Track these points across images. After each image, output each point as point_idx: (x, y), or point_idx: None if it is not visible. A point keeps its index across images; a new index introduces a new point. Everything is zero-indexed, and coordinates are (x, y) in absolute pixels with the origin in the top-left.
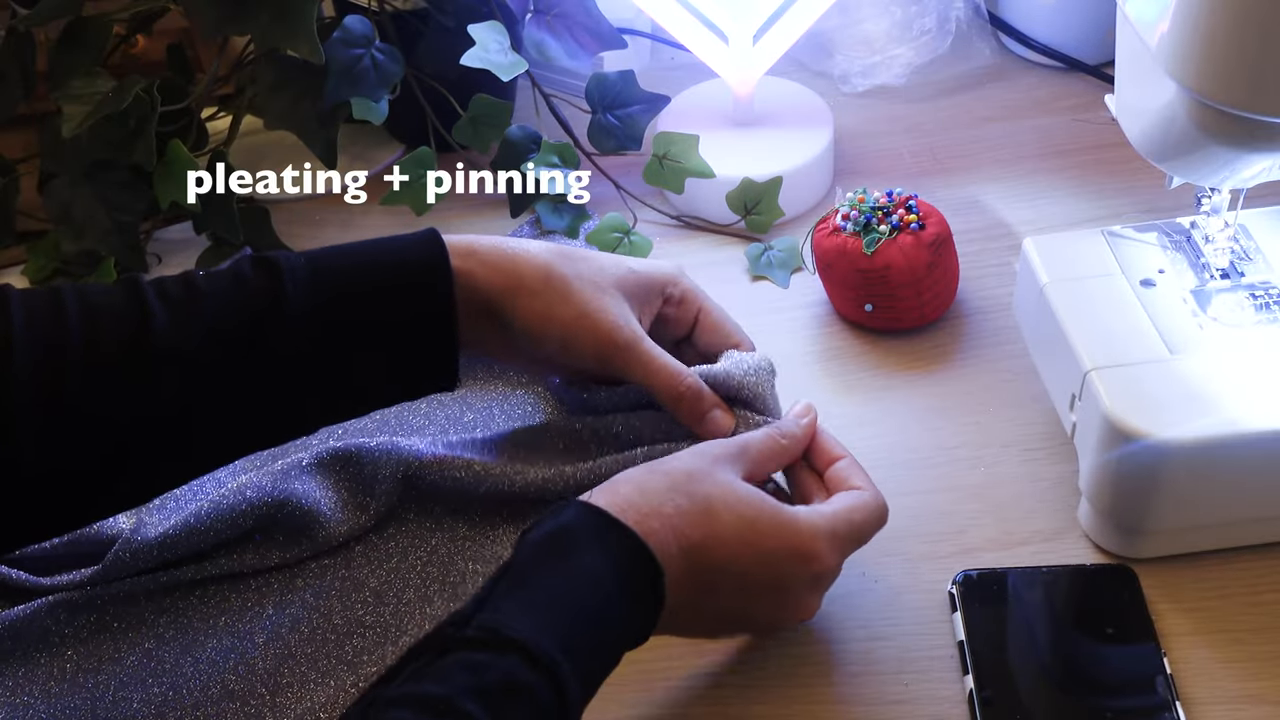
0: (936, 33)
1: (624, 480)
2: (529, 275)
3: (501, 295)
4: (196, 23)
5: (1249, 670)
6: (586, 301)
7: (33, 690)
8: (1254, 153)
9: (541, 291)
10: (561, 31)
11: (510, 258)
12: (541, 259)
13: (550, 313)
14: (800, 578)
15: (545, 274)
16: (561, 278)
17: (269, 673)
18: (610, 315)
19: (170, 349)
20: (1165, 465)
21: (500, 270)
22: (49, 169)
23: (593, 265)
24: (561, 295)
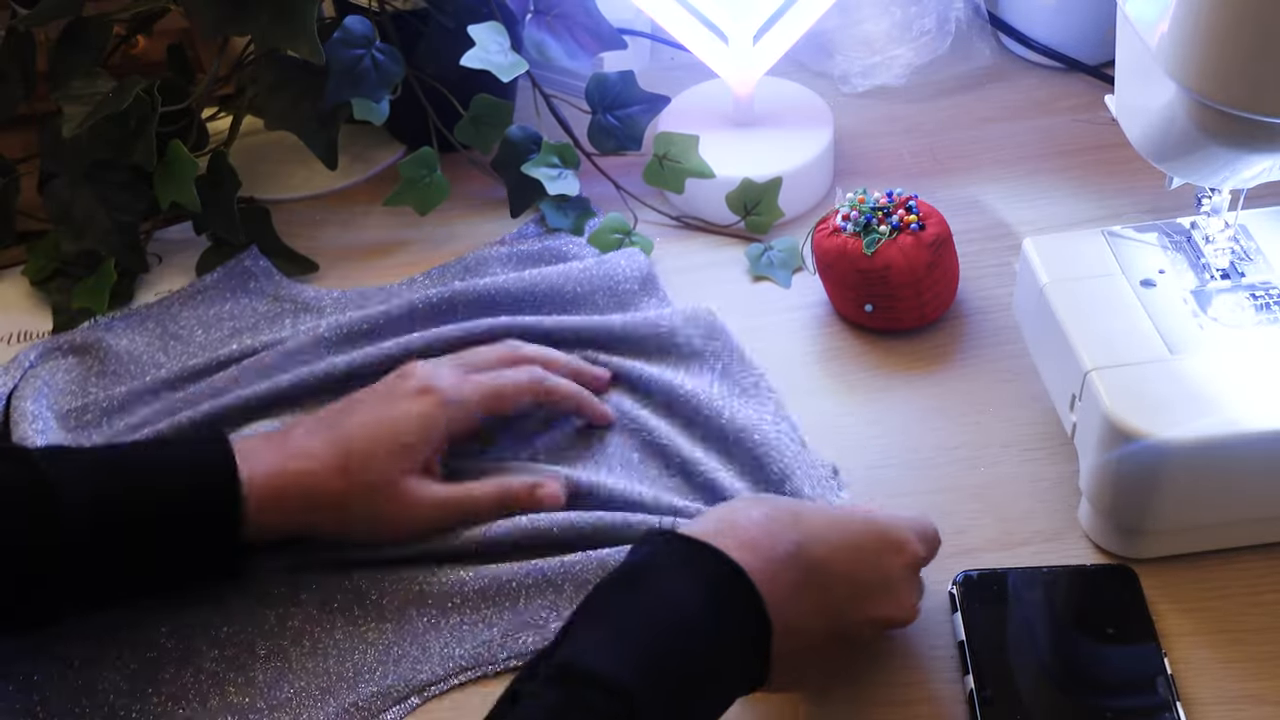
0: (936, 33)
1: (702, 514)
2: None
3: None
4: (197, 23)
5: (1249, 670)
6: (384, 506)
7: (31, 696)
8: (1254, 153)
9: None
10: (561, 32)
11: (299, 501)
12: (330, 509)
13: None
14: (897, 568)
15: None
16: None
17: (269, 685)
18: (407, 503)
19: None
20: (1165, 465)
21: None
22: (49, 169)
23: (371, 464)
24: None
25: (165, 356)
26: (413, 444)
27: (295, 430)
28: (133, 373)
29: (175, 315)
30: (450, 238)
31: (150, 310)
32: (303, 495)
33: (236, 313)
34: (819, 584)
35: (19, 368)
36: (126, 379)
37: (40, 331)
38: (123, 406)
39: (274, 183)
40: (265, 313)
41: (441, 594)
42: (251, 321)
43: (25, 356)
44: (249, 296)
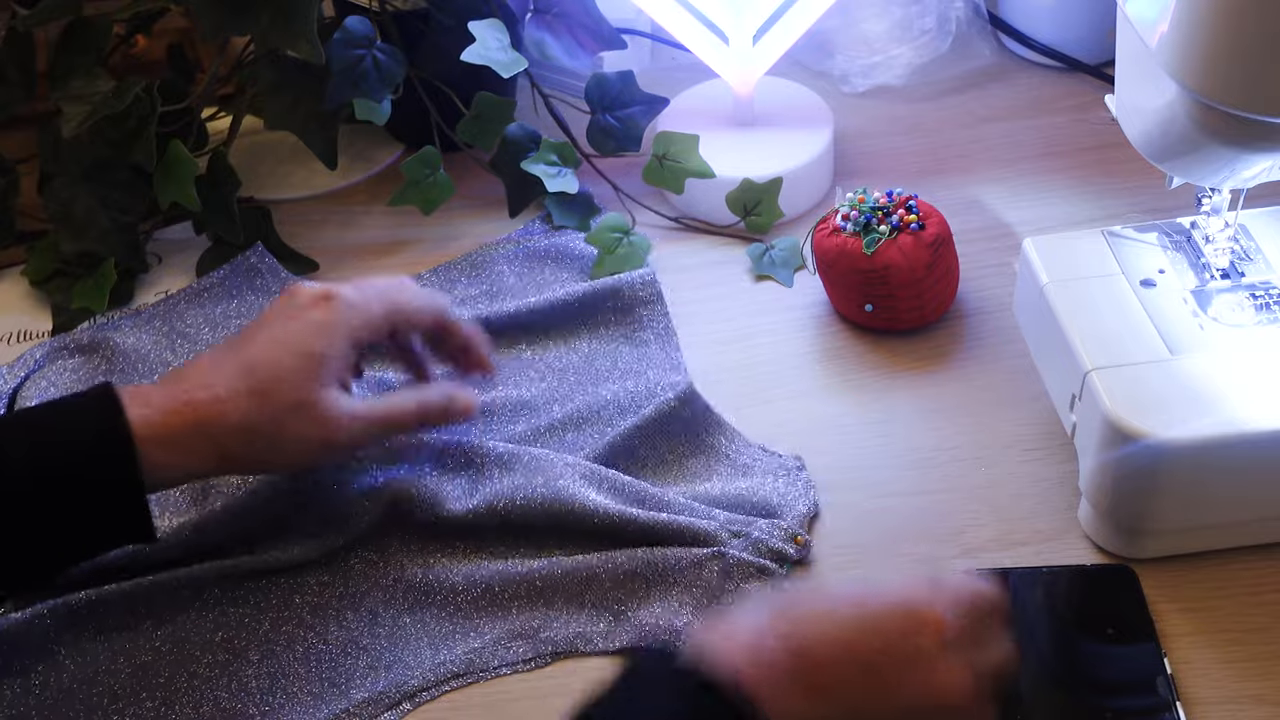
0: (936, 33)
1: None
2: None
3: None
4: (198, 24)
5: (1250, 670)
6: (300, 426)
7: (28, 700)
8: (1254, 153)
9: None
10: (561, 31)
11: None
12: (235, 426)
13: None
14: (923, 646)
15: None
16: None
17: (261, 691)
18: (323, 420)
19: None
20: (1165, 465)
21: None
22: (49, 169)
23: (279, 382)
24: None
25: (172, 355)
26: (320, 352)
27: (192, 364)
28: (140, 371)
29: (181, 314)
30: (452, 236)
31: (156, 309)
32: (205, 426)
33: (243, 310)
34: (821, 683)
35: (24, 367)
36: (134, 377)
37: (40, 331)
38: None
39: (274, 183)
40: None
41: (435, 601)
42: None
43: (31, 355)
44: (255, 294)
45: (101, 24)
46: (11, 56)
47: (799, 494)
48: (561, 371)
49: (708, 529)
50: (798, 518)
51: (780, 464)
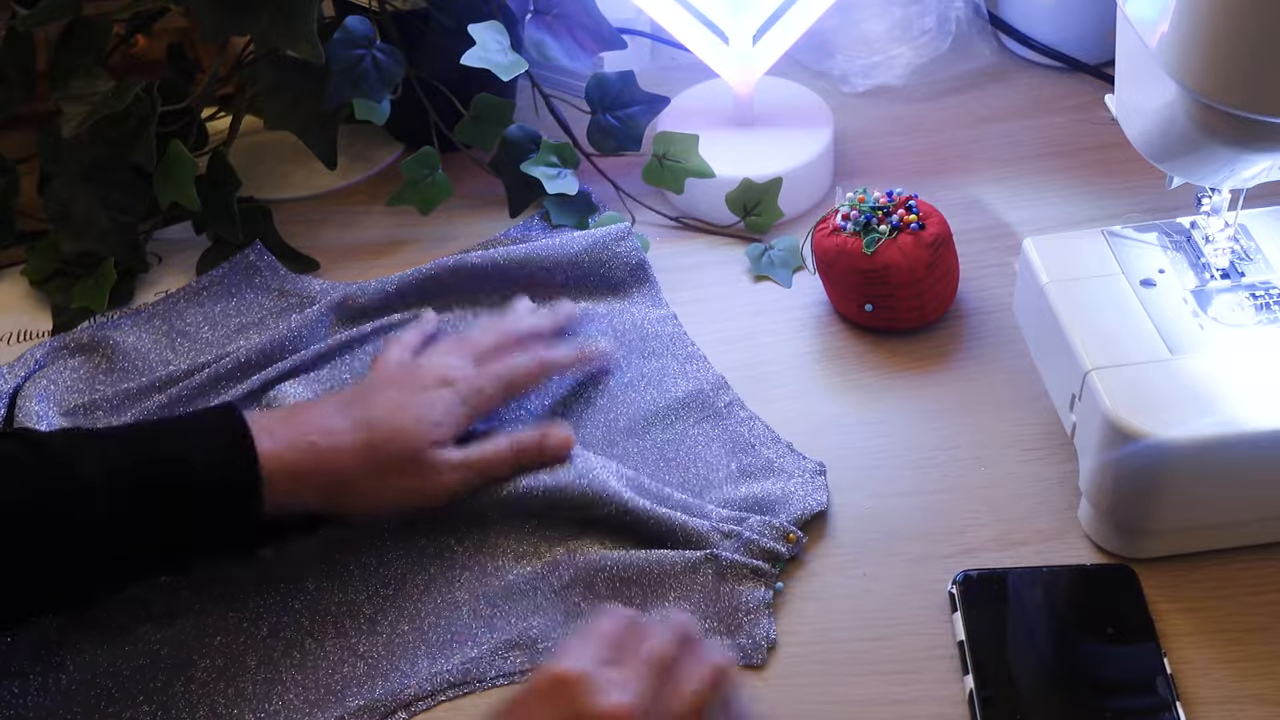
0: (936, 33)
1: None
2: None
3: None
4: (198, 24)
5: (1249, 670)
6: (409, 479)
7: (26, 701)
8: (1254, 153)
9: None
10: (561, 32)
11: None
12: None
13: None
14: (563, 708)
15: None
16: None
17: (258, 697)
18: (431, 473)
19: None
20: (1165, 465)
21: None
22: (49, 169)
23: (397, 439)
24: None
25: (173, 354)
26: (438, 421)
27: (314, 408)
28: (140, 370)
29: (181, 312)
30: (451, 237)
31: (156, 308)
32: (325, 471)
33: (242, 309)
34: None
35: (25, 366)
36: (135, 376)
37: (40, 331)
38: (131, 403)
39: (274, 183)
40: (271, 308)
41: (432, 610)
42: (258, 317)
43: (31, 354)
44: (254, 292)
45: (101, 24)
46: (11, 56)
47: (806, 493)
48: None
49: (700, 529)
50: (792, 515)
51: (801, 465)
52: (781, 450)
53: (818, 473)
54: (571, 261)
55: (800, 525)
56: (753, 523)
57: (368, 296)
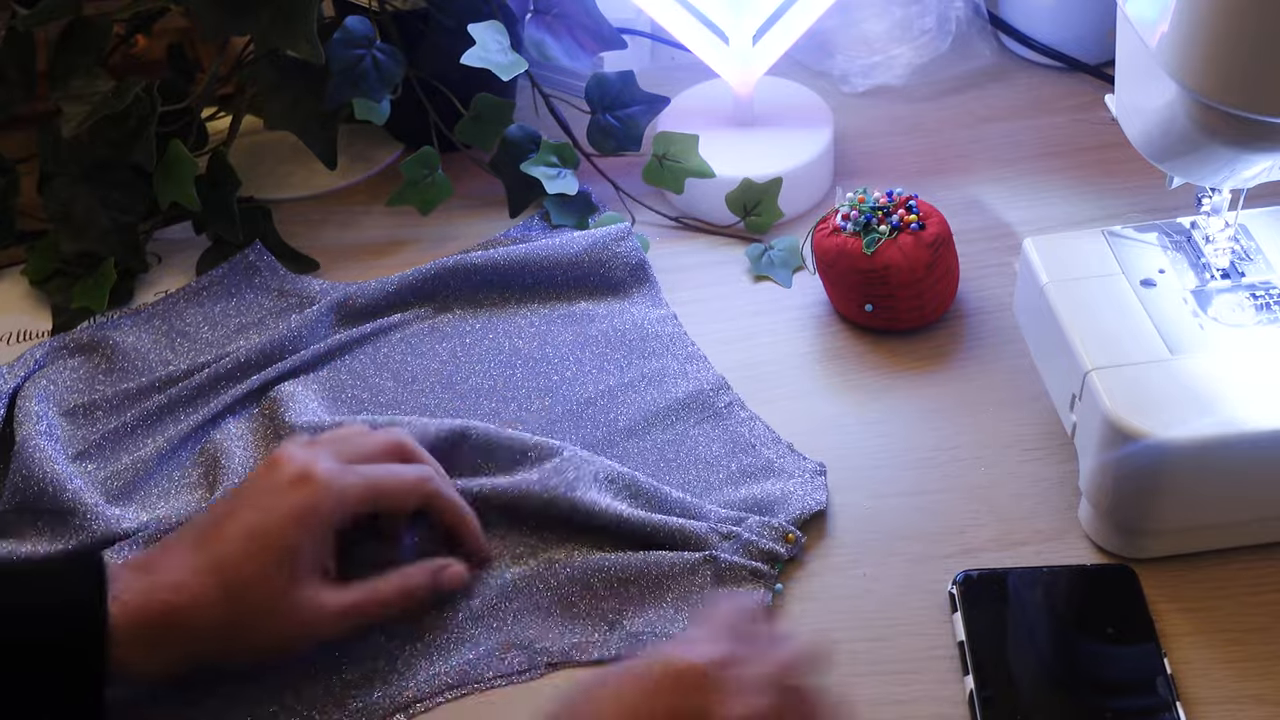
0: (936, 33)
1: None
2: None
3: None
4: (198, 24)
5: (1250, 670)
6: (279, 627)
7: None
8: (1254, 153)
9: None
10: (561, 31)
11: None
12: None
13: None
14: (689, 697)
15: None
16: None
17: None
18: (304, 620)
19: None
20: (1165, 465)
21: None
22: (49, 169)
23: (254, 584)
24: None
25: (173, 354)
26: (294, 545)
27: (163, 554)
28: (140, 370)
29: (181, 312)
30: (451, 237)
31: (156, 308)
32: (177, 628)
33: (242, 309)
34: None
35: (25, 366)
36: (135, 376)
37: (40, 331)
38: (131, 403)
39: (274, 183)
40: (271, 308)
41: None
42: (257, 317)
43: (31, 354)
44: (254, 292)
45: (101, 24)
46: (11, 56)
47: (805, 493)
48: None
49: (698, 532)
50: (791, 515)
51: (800, 466)
52: (781, 450)
53: (817, 473)
54: (571, 261)
55: (800, 525)
56: (751, 524)
57: (368, 296)
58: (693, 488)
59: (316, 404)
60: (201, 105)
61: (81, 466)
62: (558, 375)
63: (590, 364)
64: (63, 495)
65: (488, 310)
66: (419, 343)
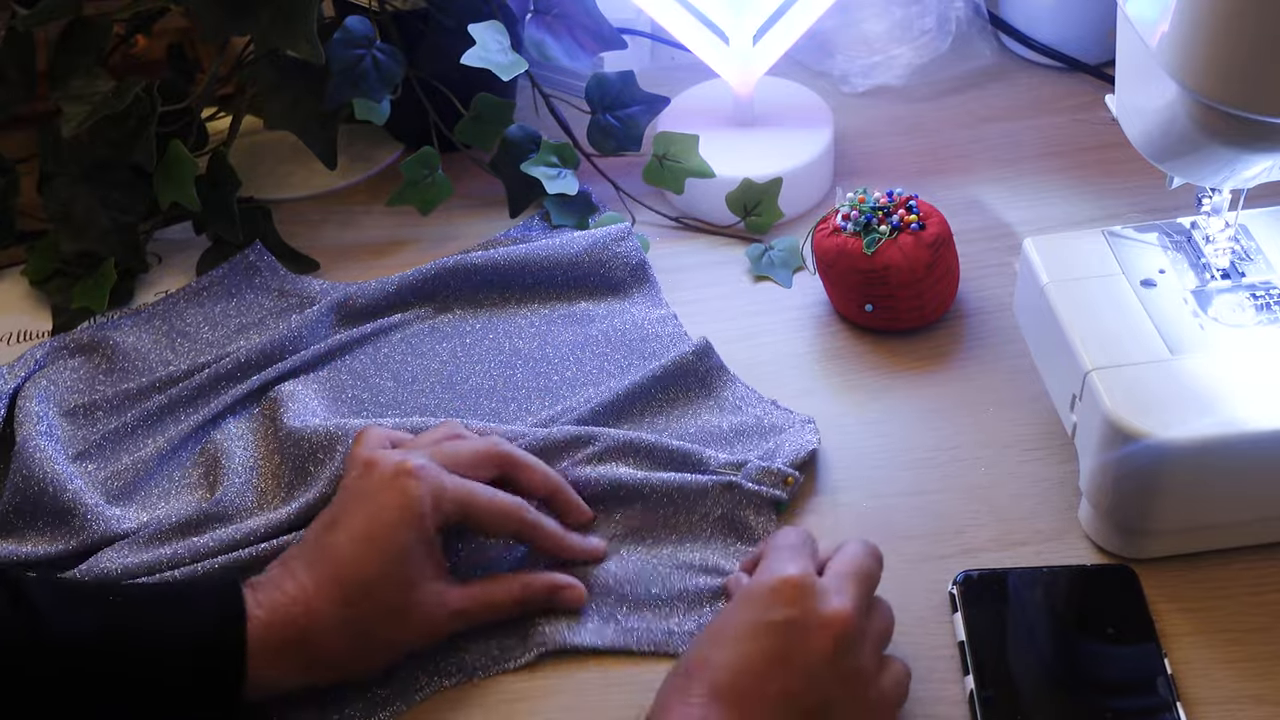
0: (936, 33)
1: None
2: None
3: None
4: (198, 24)
5: (1250, 670)
6: (398, 630)
7: None
8: (1254, 153)
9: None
10: (561, 31)
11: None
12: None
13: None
14: (787, 607)
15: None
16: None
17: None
18: (422, 621)
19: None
20: (1166, 465)
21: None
22: (49, 169)
23: (373, 587)
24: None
25: (173, 354)
26: (406, 544)
27: (285, 570)
28: (140, 370)
29: (181, 313)
30: (451, 237)
31: (156, 308)
32: (305, 644)
33: (242, 309)
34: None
35: (25, 366)
36: (135, 376)
37: (40, 331)
38: (131, 403)
39: (274, 183)
40: (271, 308)
41: None
42: (258, 317)
43: (31, 354)
44: (254, 292)
45: (101, 24)
46: (11, 56)
47: (798, 438)
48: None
49: (699, 486)
50: (787, 459)
51: (790, 419)
52: (767, 408)
53: (806, 421)
54: (571, 261)
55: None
56: (750, 470)
57: (368, 296)
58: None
59: (317, 404)
60: (201, 105)
61: (82, 466)
62: (558, 375)
63: (590, 364)
64: (63, 495)
65: (488, 310)
66: (419, 343)
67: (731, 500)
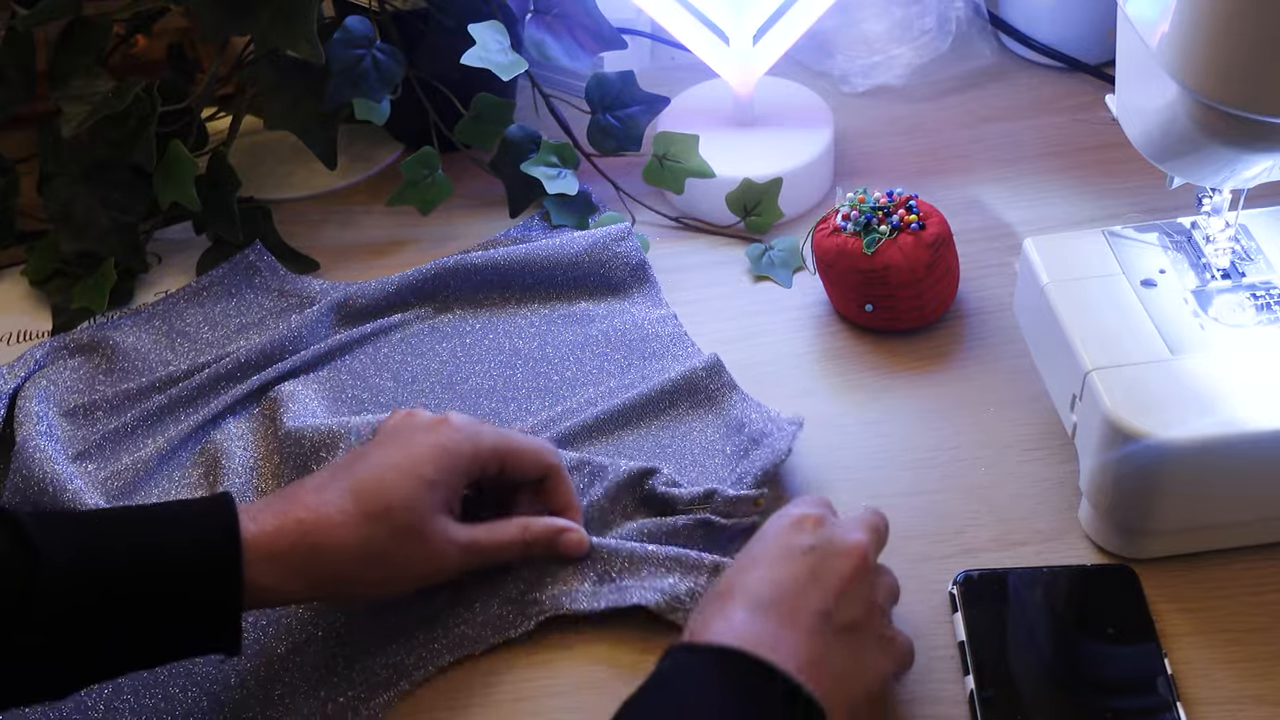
0: (936, 33)
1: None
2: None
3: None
4: (198, 24)
5: (1250, 670)
6: (407, 551)
7: None
8: (1254, 153)
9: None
10: (561, 31)
11: (310, 548)
12: (347, 539)
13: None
14: (809, 535)
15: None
16: (371, 550)
17: (259, 682)
18: (432, 547)
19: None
20: (1166, 465)
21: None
22: (49, 169)
23: (391, 504)
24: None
25: (173, 354)
26: (433, 479)
27: (301, 484)
28: (140, 370)
29: (181, 313)
30: (451, 237)
31: (156, 308)
32: (314, 549)
33: (242, 309)
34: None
35: (25, 366)
36: (135, 376)
37: (40, 331)
38: (131, 403)
39: (274, 183)
40: (271, 308)
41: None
42: (257, 317)
43: (31, 354)
44: (254, 292)
45: (101, 24)
46: (11, 56)
47: (774, 444)
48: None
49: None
50: (756, 473)
51: (779, 425)
52: (769, 423)
53: (791, 423)
54: (571, 261)
55: None
56: (719, 503)
57: (368, 296)
58: (689, 474)
59: (317, 404)
60: (201, 105)
61: (81, 466)
62: (558, 375)
63: (590, 364)
64: (63, 495)
65: (488, 310)
66: (419, 343)
67: (707, 535)
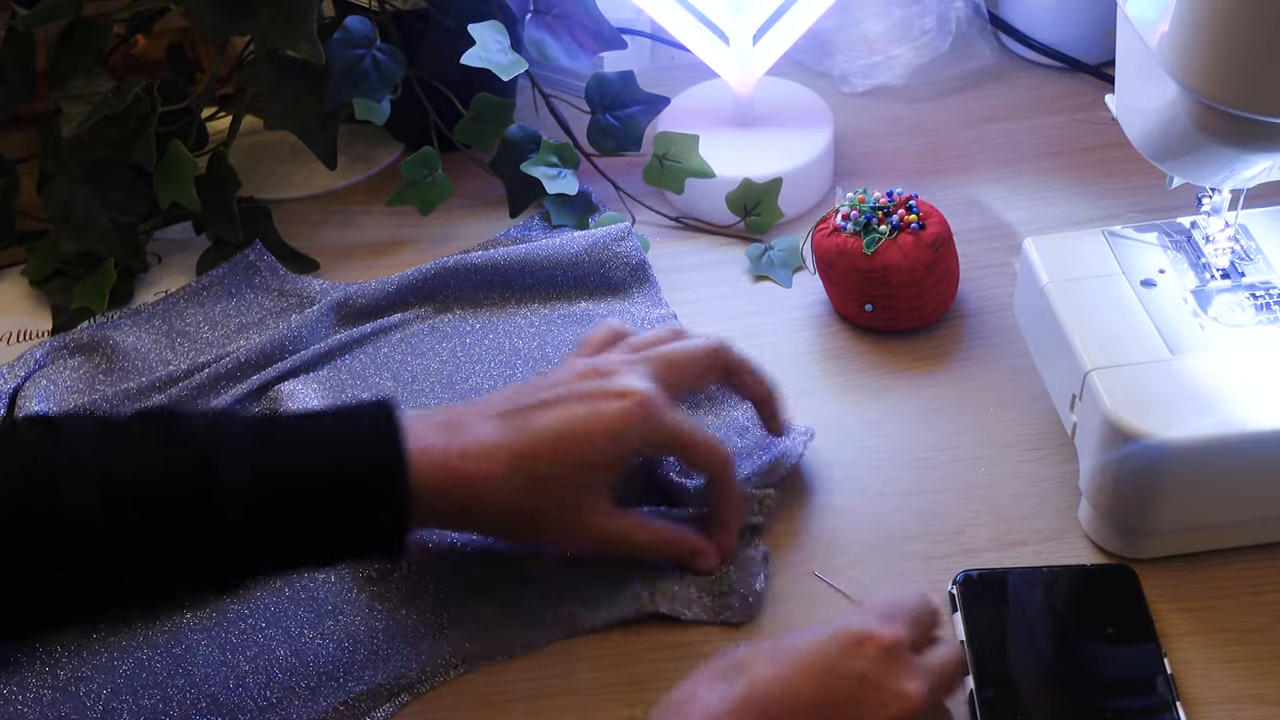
0: (936, 33)
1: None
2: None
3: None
4: (198, 24)
5: (1250, 670)
6: (551, 528)
7: (25, 697)
8: (1254, 153)
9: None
10: (561, 31)
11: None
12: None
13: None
14: (865, 664)
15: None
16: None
17: (259, 685)
18: (574, 531)
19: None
20: (1166, 465)
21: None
22: (49, 169)
23: (554, 488)
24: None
25: (172, 354)
26: (600, 461)
27: (471, 415)
28: (140, 370)
29: (181, 312)
30: (451, 237)
31: (156, 308)
32: (467, 501)
33: (242, 308)
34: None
35: (25, 366)
36: (135, 376)
37: (40, 331)
38: (131, 403)
39: (274, 183)
40: (271, 308)
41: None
42: (257, 317)
43: (31, 354)
44: (254, 292)
45: (101, 24)
46: (11, 56)
47: (786, 447)
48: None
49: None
50: (759, 469)
51: (789, 432)
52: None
53: (800, 432)
54: (571, 261)
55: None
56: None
57: (368, 296)
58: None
59: (316, 403)
60: (201, 105)
61: None
62: None
63: None
64: None
65: (488, 310)
66: (419, 343)
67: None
